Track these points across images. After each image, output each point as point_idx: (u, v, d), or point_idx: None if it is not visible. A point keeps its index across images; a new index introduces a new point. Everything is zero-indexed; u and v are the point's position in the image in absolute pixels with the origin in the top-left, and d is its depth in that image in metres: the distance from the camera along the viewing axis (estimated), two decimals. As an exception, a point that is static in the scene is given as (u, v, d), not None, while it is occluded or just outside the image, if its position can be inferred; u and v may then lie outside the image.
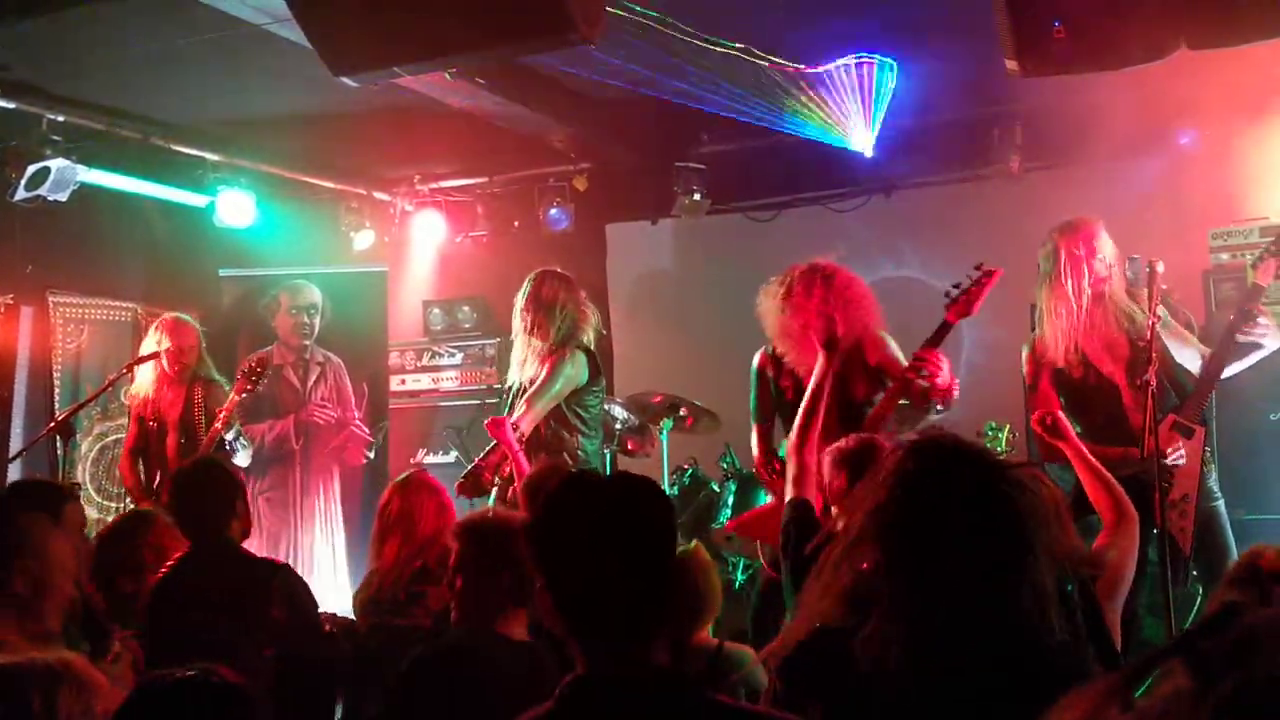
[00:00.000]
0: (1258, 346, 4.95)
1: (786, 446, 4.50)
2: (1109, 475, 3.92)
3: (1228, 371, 5.01)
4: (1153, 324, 4.61)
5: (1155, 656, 0.77)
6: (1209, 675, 0.72)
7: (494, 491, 5.59)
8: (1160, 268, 4.73)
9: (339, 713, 4.21)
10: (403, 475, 4.97)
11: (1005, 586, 1.84)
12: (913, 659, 1.82)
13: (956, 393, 4.88)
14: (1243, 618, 0.76)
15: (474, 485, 5.60)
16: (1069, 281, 4.99)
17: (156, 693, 2.06)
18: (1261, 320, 4.88)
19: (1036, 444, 5.19)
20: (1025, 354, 5.25)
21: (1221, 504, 5.02)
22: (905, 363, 4.90)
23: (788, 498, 4.04)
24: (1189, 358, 5.00)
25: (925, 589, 1.84)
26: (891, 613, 1.86)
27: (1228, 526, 5.00)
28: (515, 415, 5.59)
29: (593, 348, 5.96)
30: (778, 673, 2.01)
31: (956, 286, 4.88)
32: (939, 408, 4.92)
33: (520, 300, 5.95)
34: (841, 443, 3.88)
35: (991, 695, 1.80)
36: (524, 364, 5.86)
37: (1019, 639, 1.84)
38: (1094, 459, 3.97)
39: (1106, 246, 4.99)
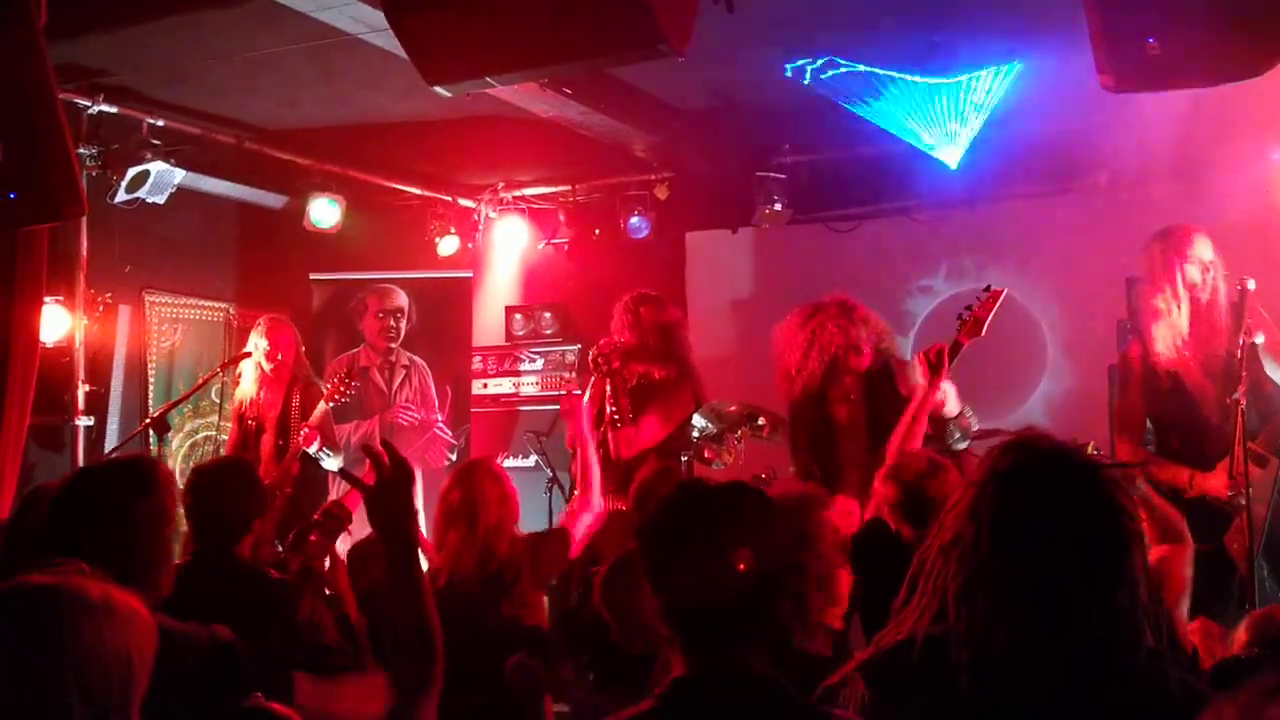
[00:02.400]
0: None
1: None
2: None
3: None
4: (1245, 342, 4.56)
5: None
6: None
7: None
8: (1251, 285, 4.68)
9: None
10: (466, 461, 4.89)
11: (1105, 585, 1.85)
12: (1017, 649, 1.83)
13: (970, 421, 5.06)
14: None
15: None
16: (1164, 288, 4.94)
17: None
18: None
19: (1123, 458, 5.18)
20: (1122, 360, 5.22)
21: None
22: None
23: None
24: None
25: (1029, 585, 1.85)
26: (993, 605, 1.87)
27: None
28: None
29: None
30: (866, 678, 2.04)
31: (968, 309, 4.97)
32: (958, 436, 5.03)
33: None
34: (897, 462, 3.94)
35: (1086, 694, 1.82)
36: None
37: (1114, 640, 1.84)
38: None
39: (1202, 252, 4.90)
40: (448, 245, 8.75)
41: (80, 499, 2.88)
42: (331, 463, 6.87)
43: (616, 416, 5.83)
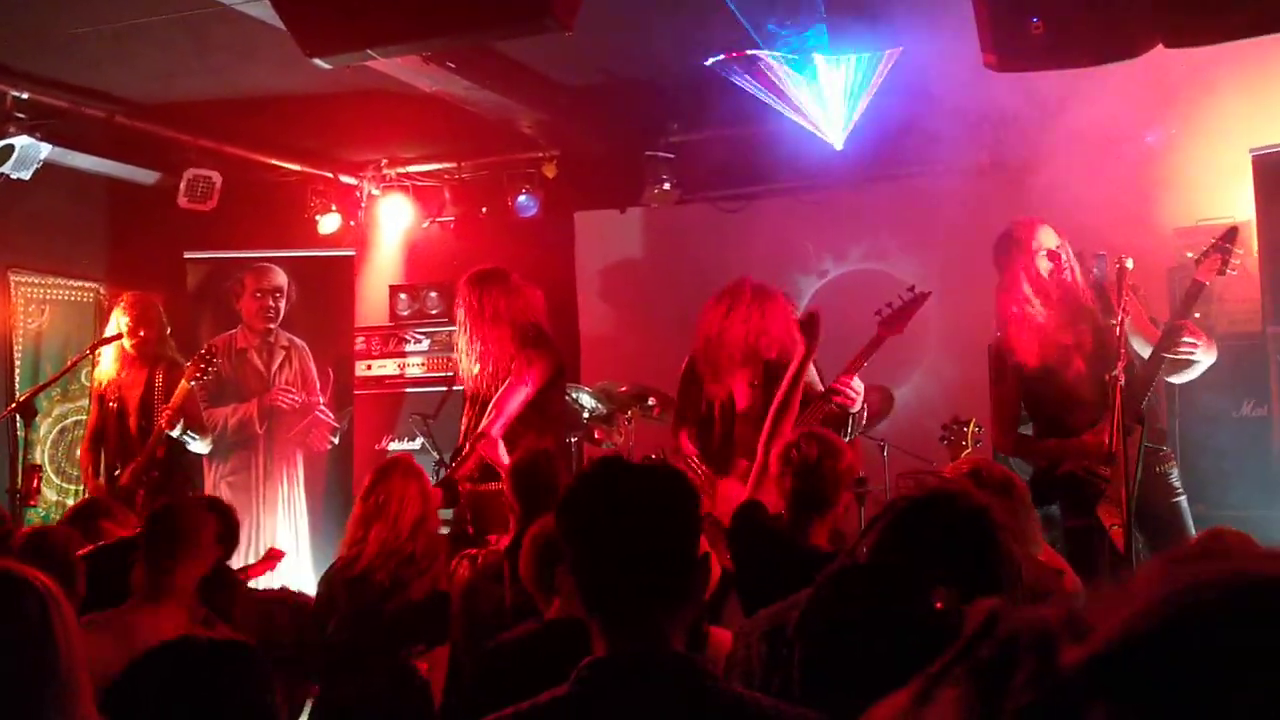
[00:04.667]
0: (1191, 363, 4.97)
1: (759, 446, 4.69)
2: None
3: (1178, 379, 5.10)
4: (1121, 320, 4.67)
5: (947, 665, 0.73)
6: (986, 689, 0.70)
7: None
8: (1129, 264, 4.79)
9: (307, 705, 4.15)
10: (387, 460, 4.93)
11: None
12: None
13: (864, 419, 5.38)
14: (1005, 621, 0.72)
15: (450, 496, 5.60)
16: (1018, 283, 5.15)
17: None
18: (1187, 339, 4.86)
19: (998, 442, 5.35)
20: (990, 354, 5.38)
21: (1184, 500, 5.08)
22: (821, 387, 5.22)
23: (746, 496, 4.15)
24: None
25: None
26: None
27: (1189, 522, 5.06)
28: None
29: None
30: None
31: (889, 305, 5.25)
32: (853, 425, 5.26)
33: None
34: (789, 443, 3.95)
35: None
36: None
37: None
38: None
39: (1045, 240, 5.11)
40: (329, 223, 8.57)
41: None
42: (199, 445, 6.70)
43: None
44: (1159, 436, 5.12)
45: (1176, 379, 5.11)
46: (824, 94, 6.62)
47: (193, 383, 6.41)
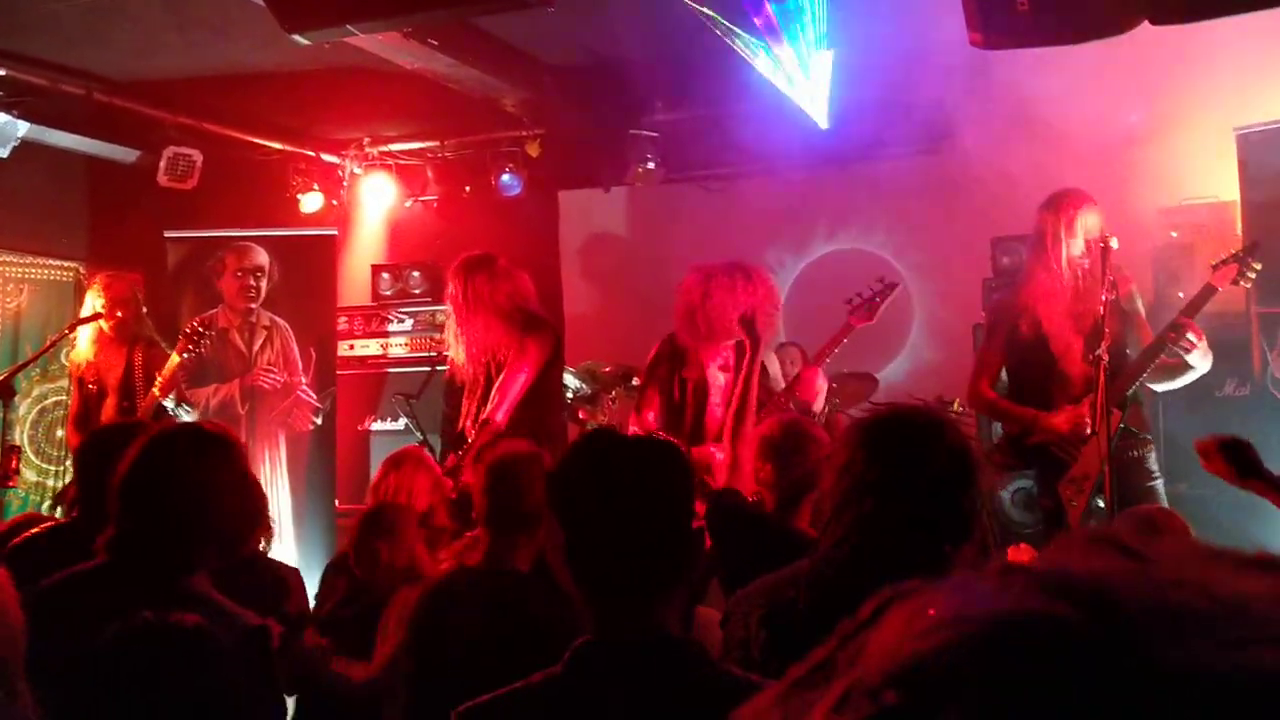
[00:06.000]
0: (1187, 367, 4.87)
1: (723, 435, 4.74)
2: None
3: (1163, 386, 5.06)
4: (1106, 300, 4.67)
5: (828, 652, 0.67)
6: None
7: None
8: (1114, 244, 4.78)
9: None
10: (398, 452, 4.92)
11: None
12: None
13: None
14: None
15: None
16: (1047, 259, 5.04)
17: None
18: (1190, 336, 4.77)
19: (968, 395, 5.37)
20: (992, 305, 5.33)
21: (1160, 484, 5.05)
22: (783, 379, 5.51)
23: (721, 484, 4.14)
24: (1134, 344, 5.06)
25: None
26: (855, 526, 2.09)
27: (1164, 505, 5.03)
28: None
29: None
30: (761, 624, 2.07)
31: (859, 294, 5.40)
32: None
33: None
34: (765, 430, 3.96)
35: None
36: None
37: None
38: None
39: (1089, 221, 4.99)
40: (311, 202, 8.51)
41: None
42: (190, 419, 6.64)
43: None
44: (1142, 423, 5.10)
45: (1160, 386, 5.07)
46: (810, 73, 6.59)
47: (184, 355, 6.37)
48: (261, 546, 4.79)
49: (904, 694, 0.56)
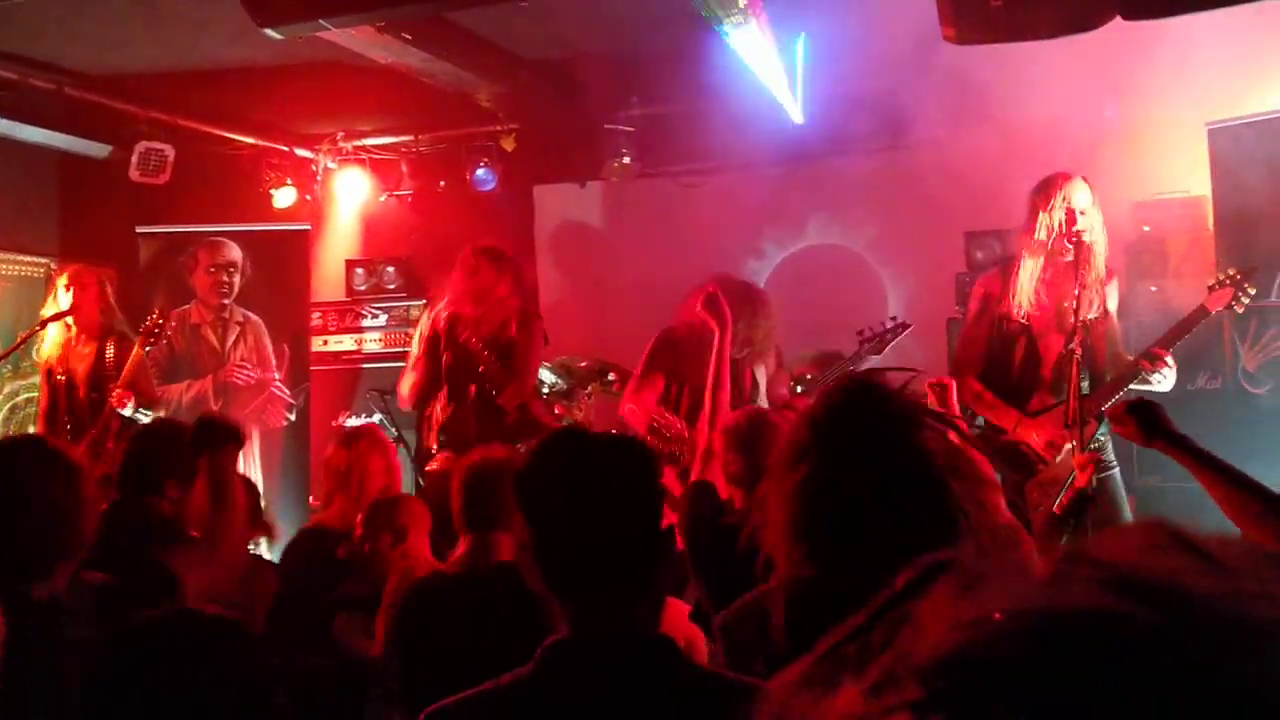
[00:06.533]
0: (1150, 387, 4.87)
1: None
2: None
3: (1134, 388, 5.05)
4: (1078, 294, 4.68)
5: (850, 634, 0.66)
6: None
7: None
8: (1087, 239, 4.79)
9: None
10: (351, 429, 4.91)
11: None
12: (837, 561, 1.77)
13: None
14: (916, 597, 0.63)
15: None
16: (1031, 229, 4.98)
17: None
18: (1164, 372, 4.83)
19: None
20: (977, 289, 5.27)
21: (1116, 472, 5.03)
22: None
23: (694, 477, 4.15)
24: (1110, 340, 5.07)
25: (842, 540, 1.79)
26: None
27: (1121, 495, 5.02)
28: None
29: None
30: (720, 634, 2.00)
31: (870, 329, 5.75)
32: None
33: None
34: (730, 422, 3.96)
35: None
36: None
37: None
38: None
39: (1072, 193, 4.89)
40: (284, 197, 8.46)
41: None
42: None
43: (495, 381, 5.82)
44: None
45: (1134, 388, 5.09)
46: (785, 68, 6.59)
47: (146, 349, 6.33)
48: (252, 547, 4.81)
49: (954, 683, 0.55)
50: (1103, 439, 5.00)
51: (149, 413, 6.51)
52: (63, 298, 6.48)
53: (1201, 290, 5.17)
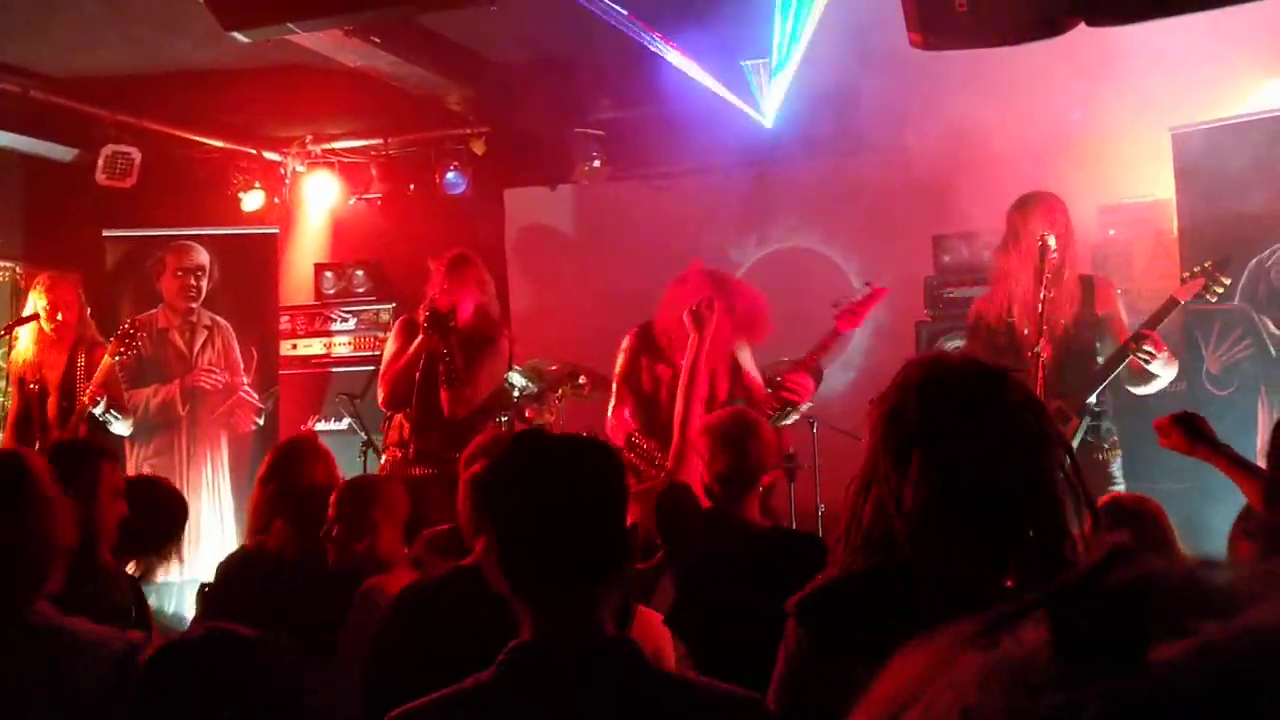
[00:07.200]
0: (1151, 374, 4.97)
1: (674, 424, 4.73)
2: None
3: (1140, 390, 5.12)
4: (1043, 297, 4.72)
5: (1024, 606, 0.63)
6: (1073, 648, 0.59)
7: None
8: (1052, 242, 4.84)
9: None
10: (286, 441, 4.75)
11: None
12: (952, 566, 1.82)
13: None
14: (1113, 577, 0.60)
15: None
16: (1017, 253, 5.09)
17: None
18: (1149, 348, 4.86)
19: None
20: (971, 310, 5.40)
21: (1120, 489, 5.10)
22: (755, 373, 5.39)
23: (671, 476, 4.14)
24: (1106, 354, 5.12)
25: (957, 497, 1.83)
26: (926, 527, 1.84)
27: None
28: None
29: None
30: (800, 621, 1.96)
31: (845, 299, 5.45)
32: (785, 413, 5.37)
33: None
34: (715, 421, 3.97)
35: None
36: None
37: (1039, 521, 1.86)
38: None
39: (1054, 222, 5.03)
40: (252, 200, 8.42)
41: None
42: (121, 426, 6.57)
43: (454, 375, 5.69)
44: (1103, 431, 5.15)
45: (1144, 389, 5.13)
46: (753, 73, 6.62)
47: (116, 358, 6.29)
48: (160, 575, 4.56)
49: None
50: (1089, 440, 5.07)
51: (120, 417, 6.46)
52: (38, 303, 6.41)
53: (1164, 294, 5.22)
